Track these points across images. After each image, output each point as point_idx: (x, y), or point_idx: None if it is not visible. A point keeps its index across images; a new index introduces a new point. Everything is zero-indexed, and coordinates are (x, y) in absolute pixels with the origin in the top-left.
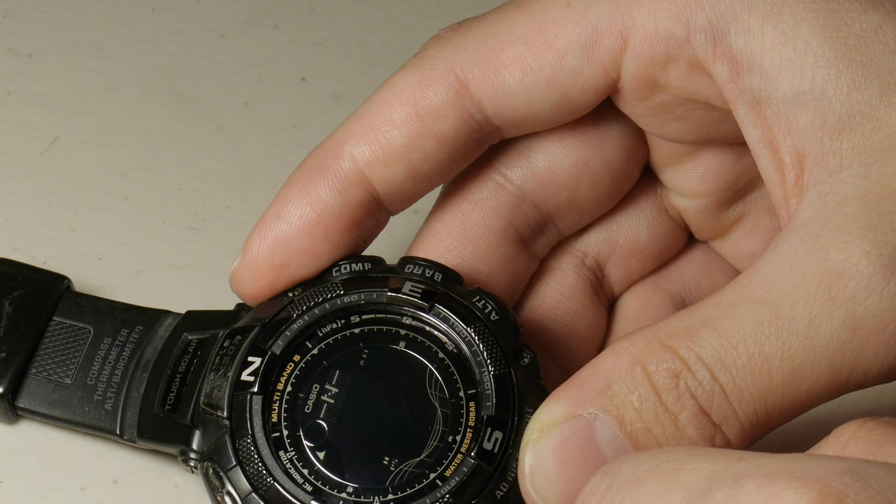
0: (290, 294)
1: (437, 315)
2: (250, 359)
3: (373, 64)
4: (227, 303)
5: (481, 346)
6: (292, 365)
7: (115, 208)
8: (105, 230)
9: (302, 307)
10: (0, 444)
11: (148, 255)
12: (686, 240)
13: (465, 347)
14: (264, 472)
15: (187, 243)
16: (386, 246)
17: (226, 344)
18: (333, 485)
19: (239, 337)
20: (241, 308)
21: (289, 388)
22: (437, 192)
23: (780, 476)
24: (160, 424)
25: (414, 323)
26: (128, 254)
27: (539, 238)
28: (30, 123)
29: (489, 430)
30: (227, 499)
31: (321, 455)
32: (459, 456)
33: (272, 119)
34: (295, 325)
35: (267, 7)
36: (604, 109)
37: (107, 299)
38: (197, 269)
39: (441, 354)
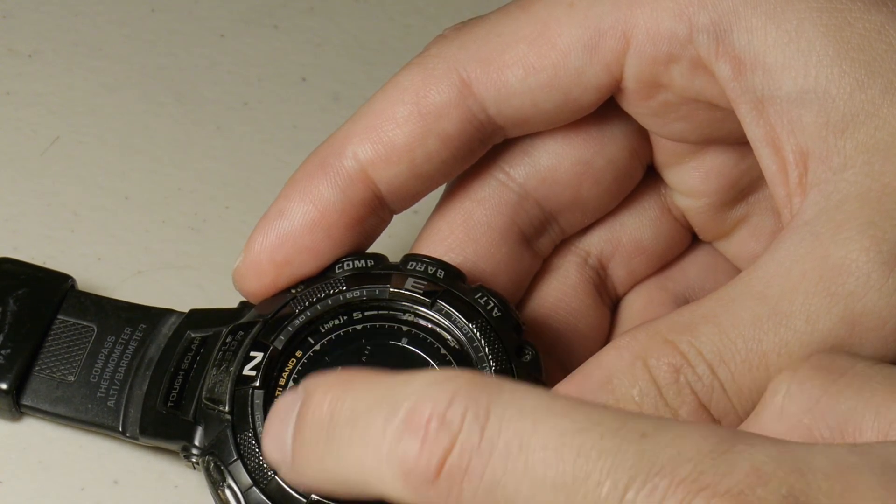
0: (293, 291)
1: (440, 311)
2: (252, 354)
3: (373, 64)
4: (228, 303)
5: (483, 342)
6: (294, 360)
7: (115, 208)
8: (105, 230)
9: (304, 303)
10: (0, 443)
11: (148, 256)
12: (690, 240)
13: (466, 343)
14: (265, 465)
15: (187, 243)
16: (386, 246)
17: (228, 340)
18: None
19: (241, 332)
20: (245, 305)
21: (290, 384)
22: (438, 192)
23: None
24: (162, 421)
25: (416, 319)
26: (128, 254)
27: (542, 236)
28: (30, 123)
29: None
30: (227, 493)
31: None
32: None
33: (272, 119)
34: (297, 321)
35: (267, 7)
36: (607, 109)
37: (111, 298)
38: (197, 269)
39: (443, 350)
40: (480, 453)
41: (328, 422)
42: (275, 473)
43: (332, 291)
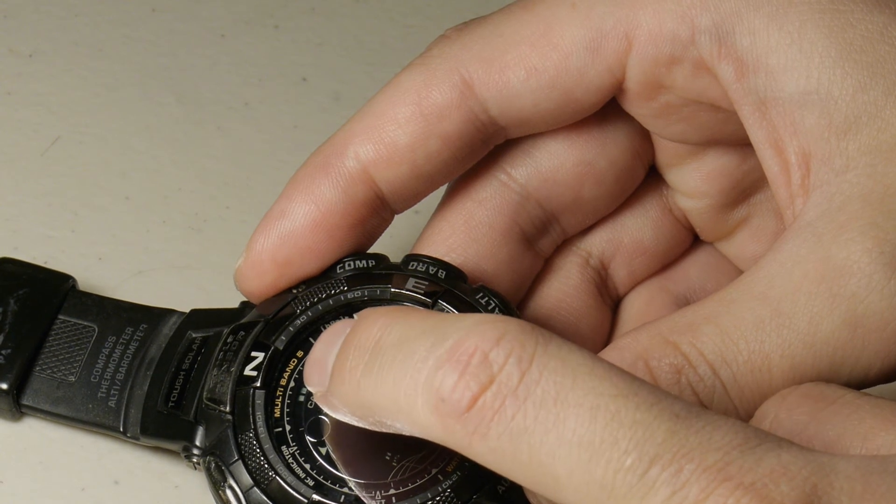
0: (294, 291)
1: (441, 311)
2: (253, 354)
3: (373, 64)
4: (228, 303)
5: None
6: (295, 361)
7: (115, 208)
8: (105, 230)
9: (305, 303)
10: (0, 444)
11: (148, 256)
12: (691, 241)
13: None
14: (266, 466)
15: (188, 243)
16: (387, 246)
17: (229, 340)
18: (335, 479)
19: (242, 333)
20: (246, 306)
21: (291, 384)
22: (439, 192)
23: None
24: (163, 421)
25: None
26: (128, 254)
27: (544, 237)
28: (30, 123)
29: None
30: (228, 493)
31: (323, 450)
32: None
33: (272, 119)
34: (298, 321)
35: (267, 7)
36: (609, 109)
37: (112, 298)
38: (198, 269)
39: None
40: (516, 397)
41: (373, 346)
42: (276, 474)
43: (333, 292)
